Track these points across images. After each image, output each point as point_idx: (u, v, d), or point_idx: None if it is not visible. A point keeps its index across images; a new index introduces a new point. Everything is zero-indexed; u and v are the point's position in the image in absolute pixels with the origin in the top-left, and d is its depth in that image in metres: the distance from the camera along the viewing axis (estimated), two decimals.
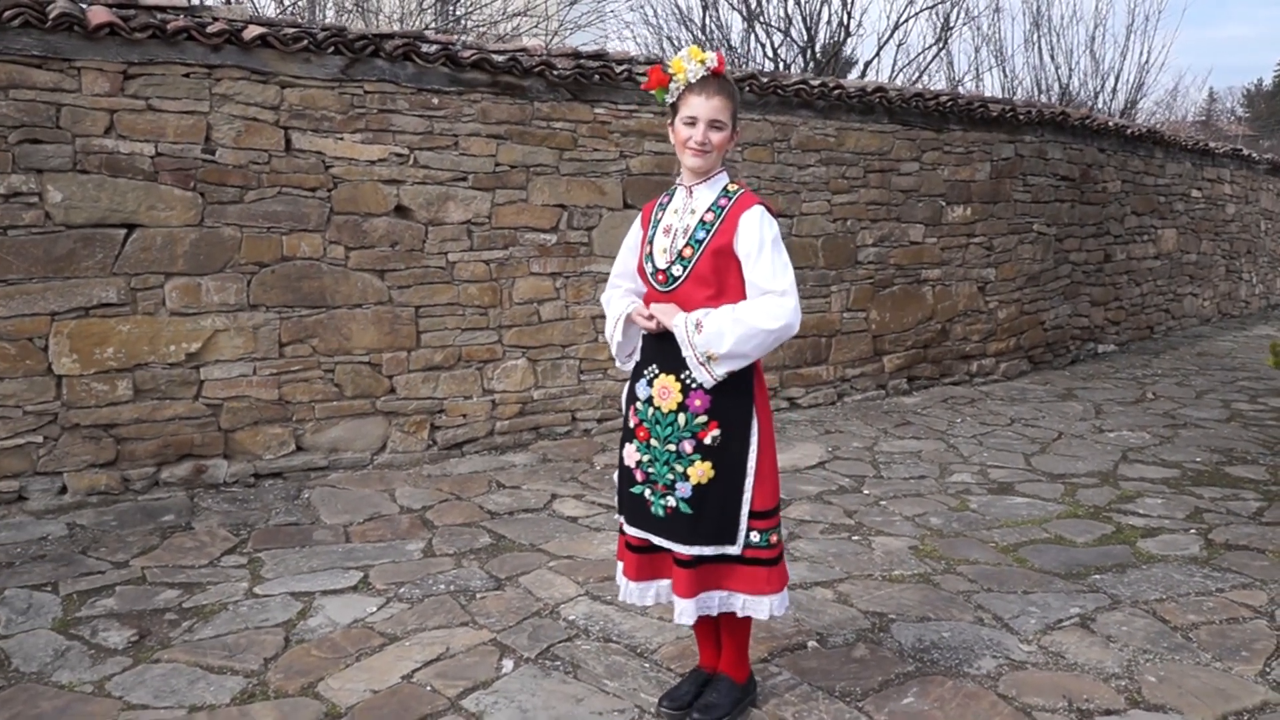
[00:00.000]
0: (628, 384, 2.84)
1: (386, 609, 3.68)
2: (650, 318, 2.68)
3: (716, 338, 2.55)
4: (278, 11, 9.99)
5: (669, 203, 2.79)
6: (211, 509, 4.80)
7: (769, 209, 2.67)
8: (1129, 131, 9.89)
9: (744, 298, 2.63)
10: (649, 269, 2.75)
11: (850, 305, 7.38)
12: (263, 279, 5.10)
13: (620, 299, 2.86)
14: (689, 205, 2.71)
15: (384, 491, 5.12)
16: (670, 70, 2.64)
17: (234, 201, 4.98)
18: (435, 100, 5.47)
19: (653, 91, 2.71)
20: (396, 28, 9.23)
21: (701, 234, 2.64)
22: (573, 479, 5.38)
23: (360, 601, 3.74)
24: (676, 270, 2.66)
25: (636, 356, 2.81)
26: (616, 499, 2.88)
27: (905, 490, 5.27)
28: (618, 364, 2.89)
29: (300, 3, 10.78)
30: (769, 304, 2.55)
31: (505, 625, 3.51)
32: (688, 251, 2.65)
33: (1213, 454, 5.98)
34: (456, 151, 5.58)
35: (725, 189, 2.70)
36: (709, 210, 2.67)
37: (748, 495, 2.66)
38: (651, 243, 2.76)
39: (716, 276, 2.63)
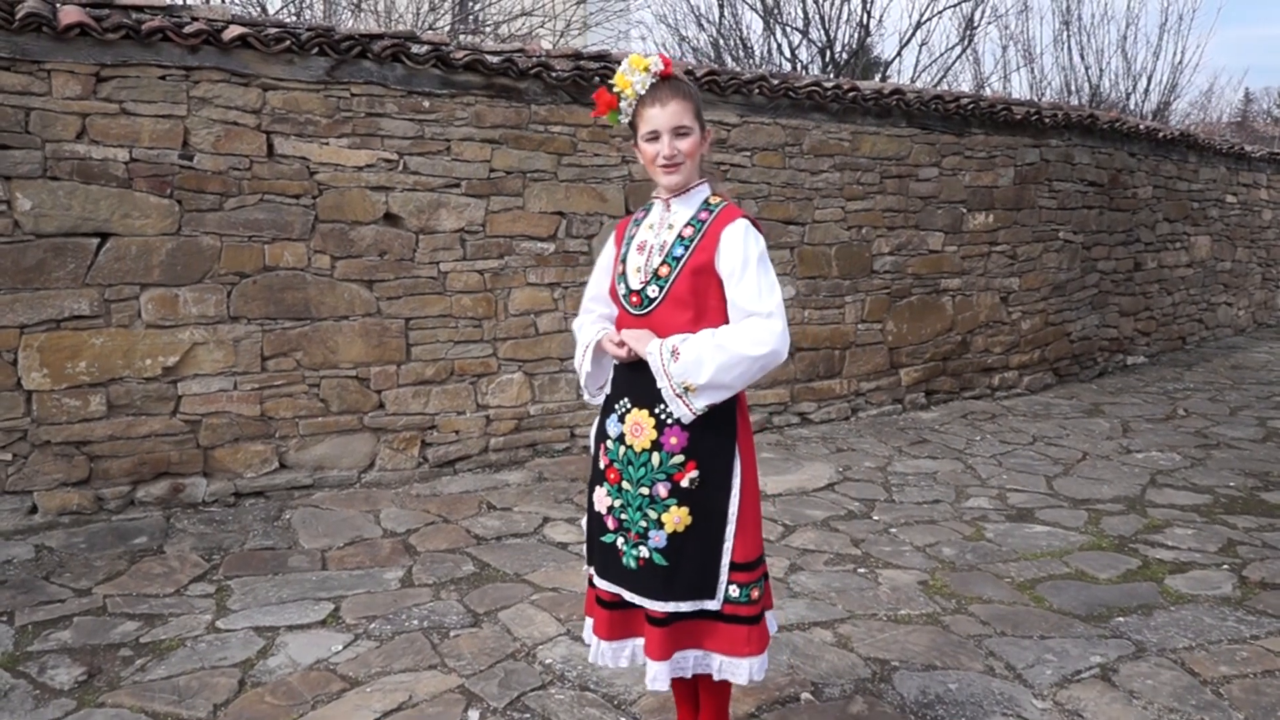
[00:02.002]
0: (597, 420, 2.58)
1: (353, 647, 3.44)
2: (621, 344, 2.41)
3: (695, 366, 2.28)
4: (289, 13, 9.81)
5: (644, 218, 2.53)
6: (186, 530, 4.59)
7: (754, 224, 2.40)
8: (1161, 135, 9.51)
9: (725, 322, 2.37)
10: (621, 290, 2.48)
11: (865, 316, 7.09)
12: (244, 290, 4.89)
13: (591, 325, 2.60)
14: (666, 220, 2.45)
15: (369, 512, 4.89)
16: (616, 89, 2.39)
17: (213, 209, 4.77)
18: (426, 103, 5.24)
19: (604, 119, 2.45)
20: (413, 28, 9.04)
21: (680, 251, 2.37)
22: (567, 500, 5.14)
23: (326, 638, 3.51)
24: (652, 291, 2.39)
25: (608, 389, 2.55)
26: (586, 548, 2.62)
27: (917, 516, 4.98)
28: (586, 397, 2.62)
29: (312, 4, 10.61)
30: (753, 328, 2.28)
31: (476, 669, 3.27)
32: (664, 270, 2.38)
33: (1247, 478, 5.65)
34: (449, 157, 5.34)
35: (706, 201, 2.43)
36: (688, 225, 2.40)
37: (728, 545, 2.38)
38: (624, 261, 2.49)
39: (696, 298, 2.36)
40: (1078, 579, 4.14)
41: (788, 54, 12.28)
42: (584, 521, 2.64)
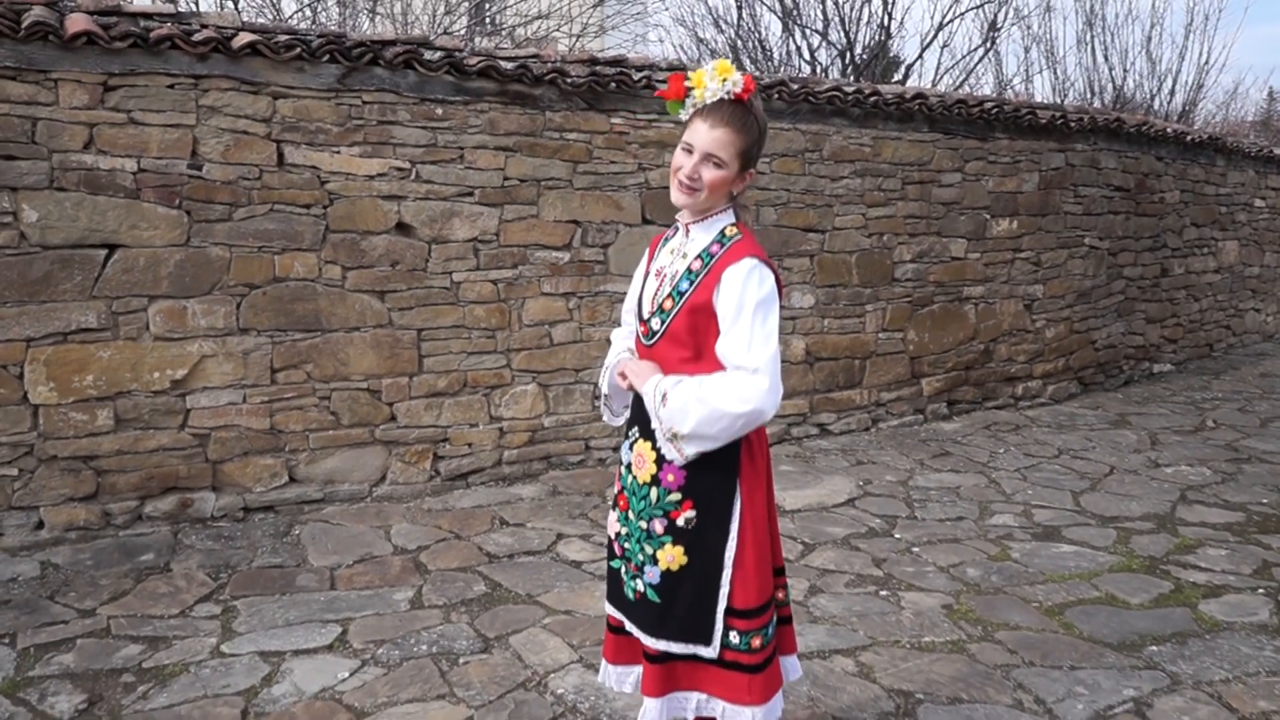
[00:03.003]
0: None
1: (360, 674, 3.35)
2: (623, 375, 2.34)
3: (680, 415, 2.17)
4: (304, 16, 9.76)
5: (671, 238, 2.42)
6: (194, 547, 4.51)
7: (766, 263, 2.21)
8: (1189, 138, 9.32)
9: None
10: (636, 316, 2.41)
11: (886, 325, 6.95)
12: (253, 301, 4.81)
13: (621, 342, 2.53)
14: (683, 247, 2.33)
15: (379, 528, 4.80)
16: (690, 84, 2.22)
17: (222, 219, 4.70)
18: (439, 111, 5.14)
19: (668, 102, 2.30)
20: (427, 34, 8.96)
21: (685, 285, 2.25)
22: (582, 515, 5.03)
23: (332, 664, 3.42)
24: (655, 324, 2.30)
25: (628, 413, 2.46)
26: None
27: (941, 534, 4.85)
28: (606, 418, 2.52)
29: (329, 11, 10.56)
30: (737, 383, 2.12)
31: (485, 700, 3.17)
32: (668, 304, 2.27)
33: None
34: (462, 165, 5.25)
35: (723, 232, 2.28)
36: (698, 257, 2.27)
37: (724, 590, 2.25)
38: (644, 285, 2.40)
39: (693, 338, 2.23)
40: (1108, 604, 4.00)
41: (807, 56, 12.14)
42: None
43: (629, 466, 2.36)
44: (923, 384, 7.20)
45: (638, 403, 2.37)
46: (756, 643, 2.26)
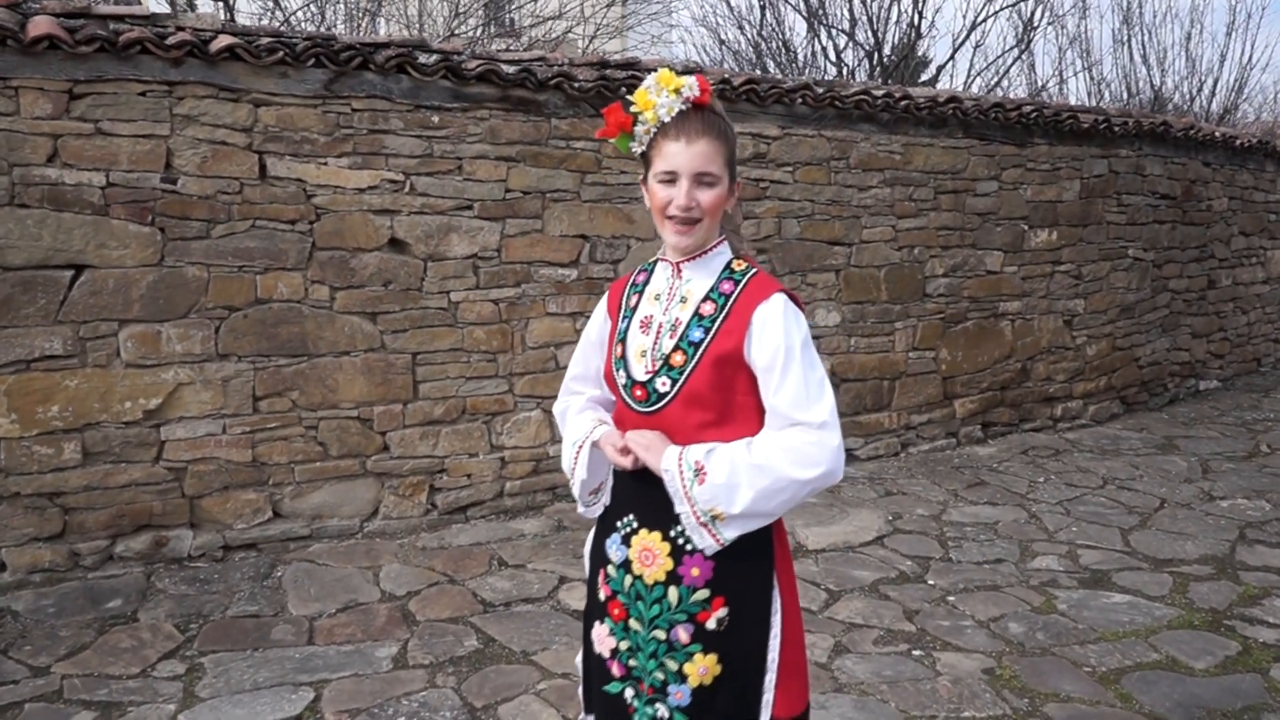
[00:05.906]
0: (591, 535, 2.09)
1: None
2: (625, 451, 1.89)
3: (726, 491, 1.77)
4: (306, 14, 9.45)
5: (646, 283, 2.02)
6: (166, 591, 4.17)
7: (794, 298, 1.88)
8: (1237, 143, 8.82)
9: (755, 425, 1.85)
10: (621, 379, 1.95)
11: (917, 343, 6.53)
12: (233, 325, 4.47)
13: (581, 414, 2.08)
14: (677, 290, 1.93)
15: (368, 569, 4.45)
16: (634, 108, 1.87)
17: (199, 237, 4.36)
18: (435, 118, 4.78)
19: (612, 141, 1.94)
20: (422, 36, 8.64)
21: (698, 334, 1.86)
22: None
23: None
24: (662, 384, 1.87)
25: (605, 499, 2.04)
26: (581, 693, 2.12)
27: (978, 580, 4.43)
28: (580, 509, 2.08)
29: (337, 18, 10.25)
30: (801, 442, 1.76)
31: None
32: (678, 358, 1.86)
33: None
34: (460, 176, 4.88)
35: (729, 268, 1.92)
36: (707, 299, 1.89)
37: (768, 697, 1.87)
38: (624, 341, 1.97)
39: (719, 395, 1.84)
40: (1169, 669, 3.58)
41: (833, 57, 11.71)
42: (578, 660, 2.13)
43: (623, 565, 1.93)
44: (955, 406, 6.77)
45: (626, 484, 1.97)
46: None
